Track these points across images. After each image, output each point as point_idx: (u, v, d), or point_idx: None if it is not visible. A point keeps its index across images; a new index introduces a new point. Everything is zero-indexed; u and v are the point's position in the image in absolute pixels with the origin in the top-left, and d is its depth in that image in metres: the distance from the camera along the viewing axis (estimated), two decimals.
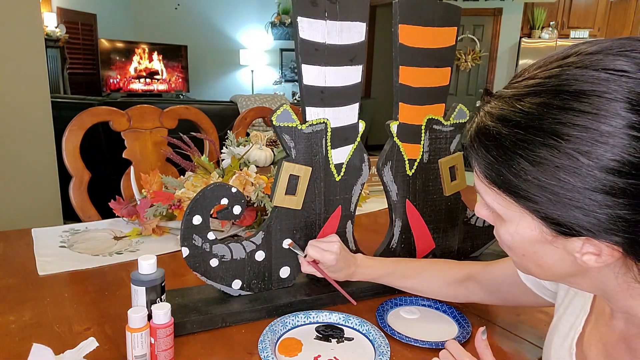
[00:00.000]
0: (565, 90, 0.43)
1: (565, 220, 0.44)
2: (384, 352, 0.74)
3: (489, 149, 0.47)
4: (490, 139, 0.47)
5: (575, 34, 6.02)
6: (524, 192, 0.45)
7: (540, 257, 0.50)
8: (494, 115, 0.47)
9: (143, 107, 1.51)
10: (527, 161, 0.44)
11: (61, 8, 5.23)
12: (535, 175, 0.44)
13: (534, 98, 0.44)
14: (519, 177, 0.45)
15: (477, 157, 0.49)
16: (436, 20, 0.93)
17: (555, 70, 0.45)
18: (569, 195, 0.42)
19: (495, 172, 0.47)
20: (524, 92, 0.46)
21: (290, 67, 7.26)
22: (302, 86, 0.83)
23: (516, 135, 0.44)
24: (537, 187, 0.44)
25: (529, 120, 0.44)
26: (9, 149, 2.15)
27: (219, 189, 0.81)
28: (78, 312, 0.85)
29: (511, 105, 0.46)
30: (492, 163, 0.47)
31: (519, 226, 0.49)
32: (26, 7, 2.17)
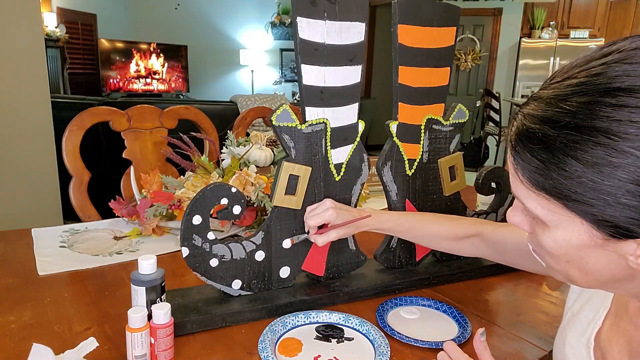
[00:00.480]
0: (617, 87, 0.41)
1: (620, 221, 0.42)
2: (384, 352, 0.74)
3: (535, 153, 0.45)
4: (535, 141, 0.44)
5: (575, 34, 6.02)
6: (577, 195, 0.43)
7: (586, 263, 0.47)
8: (536, 117, 0.45)
9: (143, 107, 1.51)
10: (581, 162, 0.41)
11: (61, 8, 5.24)
12: (590, 177, 0.41)
13: (581, 97, 0.42)
14: (572, 180, 0.42)
15: (522, 161, 0.46)
16: (435, 20, 0.94)
17: (601, 67, 0.43)
18: (627, 196, 0.41)
19: (544, 176, 0.45)
20: (568, 91, 0.43)
21: (290, 67, 7.26)
22: (302, 86, 0.83)
23: (566, 137, 0.42)
24: (591, 189, 0.42)
25: (579, 120, 0.42)
26: (9, 149, 2.15)
27: (219, 189, 0.81)
28: (78, 312, 0.85)
29: (556, 106, 0.44)
30: (540, 167, 0.44)
31: (566, 231, 0.46)
32: (26, 7, 2.17)
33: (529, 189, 0.47)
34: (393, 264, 1.01)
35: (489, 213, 1.09)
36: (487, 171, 1.04)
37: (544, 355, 0.77)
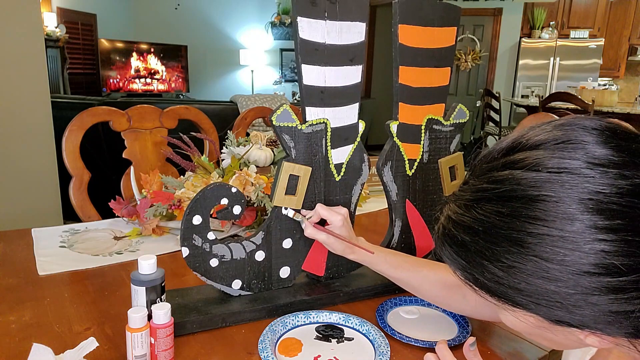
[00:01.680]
0: (512, 196, 0.42)
1: (554, 318, 0.43)
2: (384, 352, 0.74)
3: (459, 254, 0.46)
4: (457, 244, 0.46)
5: (575, 34, 6.02)
6: (505, 296, 0.44)
7: (546, 337, 0.48)
8: (454, 222, 0.47)
9: (143, 107, 1.51)
10: (497, 268, 0.43)
11: (61, 8, 5.23)
12: (508, 281, 0.43)
13: (486, 204, 0.44)
14: (494, 282, 0.44)
15: (449, 260, 0.48)
16: (436, 21, 0.94)
17: (500, 172, 0.44)
18: (545, 297, 0.42)
19: (471, 276, 0.46)
20: (476, 197, 0.45)
21: (290, 67, 7.26)
22: (302, 86, 0.83)
23: (479, 244, 0.44)
24: (514, 291, 0.43)
25: (486, 228, 0.43)
26: (9, 149, 2.15)
27: (219, 189, 0.81)
28: (78, 312, 0.85)
29: (467, 211, 0.45)
30: (466, 267, 0.46)
31: (516, 315, 0.47)
32: (26, 7, 2.17)
33: (462, 282, 0.48)
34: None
35: None
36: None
37: (544, 355, 0.77)
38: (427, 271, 0.83)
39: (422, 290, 0.83)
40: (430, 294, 0.83)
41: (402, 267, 0.84)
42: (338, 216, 0.82)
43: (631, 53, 6.25)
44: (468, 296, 0.77)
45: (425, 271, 0.83)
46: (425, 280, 0.82)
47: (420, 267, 0.84)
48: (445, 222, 0.48)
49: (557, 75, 6.04)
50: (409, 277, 0.83)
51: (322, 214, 0.83)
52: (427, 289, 0.82)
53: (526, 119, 1.81)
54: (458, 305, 0.80)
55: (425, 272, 0.82)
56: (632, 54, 6.25)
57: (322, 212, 0.83)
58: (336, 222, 0.82)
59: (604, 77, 6.16)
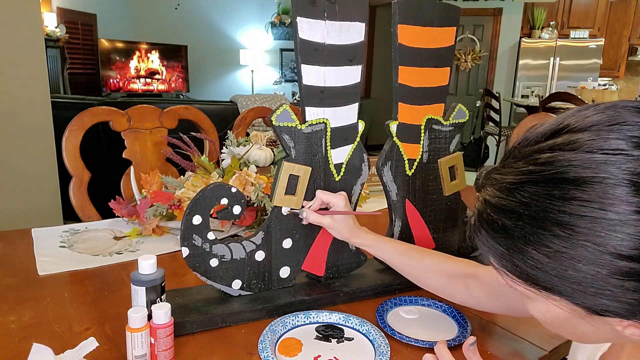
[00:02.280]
0: (564, 178, 0.41)
1: (594, 306, 0.42)
2: (384, 352, 0.74)
3: (497, 240, 0.45)
4: (496, 230, 0.44)
5: (575, 34, 6.02)
6: (546, 283, 0.43)
7: (576, 329, 0.47)
8: (494, 206, 0.45)
9: (143, 107, 1.51)
10: (542, 254, 0.42)
11: (61, 8, 5.23)
12: (553, 267, 0.41)
13: (532, 187, 0.42)
14: (537, 269, 0.43)
15: (487, 247, 0.46)
16: (435, 20, 0.94)
17: (548, 154, 0.42)
18: (593, 284, 0.40)
19: (510, 263, 0.45)
20: (520, 179, 0.43)
21: (290, 67, 7.26)
22: (302, 86, 0.83)
23: (523, 228, 0.42)
24: (558, 279, 0.42)
25: (532, 212, 0.42)
26: (9, 149, 2.15)
27: (219, 189, 0.81)
28: (78, 312, 0.85)
29: (510, 194, 0.44)
30: (504, 254, 0.45)
31: (548, 305, 0.46)
32: (26, 7, 2.17)
33: (499, 271, 0.47)
34: None
35: None
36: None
37: (544, 355, 0.77)
38: (430, 260, 0.82)
39: (424, 279, 0.83)
40: (432, 283, 0.82)
41: (405, 254, 0.84)
42: (340, 197, 0.84)
43: (631, 53, 6.25)
44: (471, 287, 0.78)
45: (429, 260, 0.82)
46: (428, 269, 0.82)
47: (424, 256, 0.83)
48: (482, 207, 0.46)
49: (557, 75, 6.04)
50: (412, 265, 0.83)
51: (323, 198, 0.84)
52: (430, 278, 0.82)
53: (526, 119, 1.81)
54: (460, 296, 0.80)
55: (428, 261, 0.82)
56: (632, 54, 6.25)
57: (323, 196, 0.84)
58: (339, 203, 0.84)
59: (604, 77, 6.16)
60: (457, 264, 0.81)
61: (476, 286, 0.77)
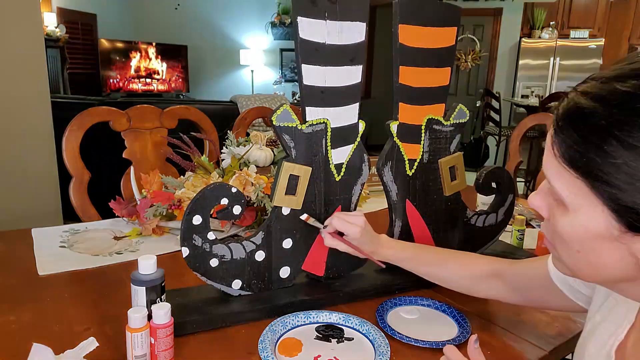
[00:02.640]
0: None
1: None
2: (384, 352, 0.74)
3: (579, 128, 0.44)
4: (582, 117, 0.44)
5: (575, 34, 6.02)
6: (609, 177, 0.42)
7: (597, 256, 0.47)
8: (589, 94, 0.44)
9: (143, 107, 1.51)
10: (621, 144, 0.41)
11: (61, 8, 5.23)
12: (626, 160, 0.41)
13: (636, 81, 0.42)
14: (607, 160, 0.42)
15: (562, 135, 0.45)
16: (436, 20, 0.93)
17: None
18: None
19: (580, 152, 0.44)
20: (628, 74, 0.43)
21: (290, 67, 7.26)
22: (302, 86, 0.83)
23: (614, 116, 0.42)
24: (624, 173, 0.41)
25: (631, 101, 0.41)
26: (9, 149, 2.15)
27: (219, 189, 0.81)
28: (78, 312, 0.85)
29: (611, 85, 0.43)
30: (579, 142, 0.44)
31: (586, 217, 0.45)
32: (26, 7, 2.17)
33: (561, 164, 0.46)
34: (393, 264, 1.01)
35: (489, 213, 1.09)
36: (487, 171, 1.04)
37: (544, 355, 0.77)
38: (453, 264, 0.86)
39: (449, 283, 0.87)
40: (457, 285, 0.86)
41: (428, 264, 0.87)
42: (354, 228, 0.83)
43: None
44: (495, 285, 0.81)
45: (451, 264, 0.86)
46: (453, 274, 0.86)
47: (447, 261, 0.87)
48: (574, 96, 0.46)
49: (557, 75, 6.04)
50: (437, 272, 0.87)
51: (337, 227, 0.84)
52: (455, 281, 0.86)
53: (526, 119, 1.81)
54: (484, 293, 0.84)
55: (452, 266, 0.86)
56: None
57: (337, 224, 0.84)
58: (354, 235, 0.83)
59: None
60: (479, 264, 0.84)
61: (499, 283, 0.81)
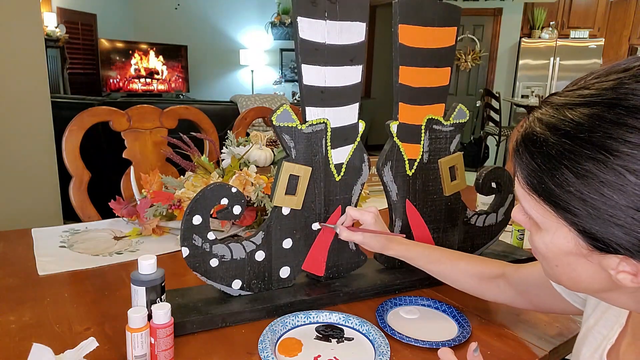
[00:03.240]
0: (620, 104, 0.41)
1: (603, 236, 0.43)
2: (384, 352, 0.74)
3: (534, 156, 0.46)
4: (536, 145, 0.45)
5: (575, 34, 6.02)
6: (564, 203, 0.44)
7: (573, 270, 0.49)
8: (543, 122, 0.46)
9: (143, 107, 1.51)
10: (572, 172, 0.43)
11: (61, 8, 5.23)
12: (578, 188, 0.43)
13: (586, 109, 0.43)
14: (561, 188, 0.44)
15: (521, 162, 0.48)
16: (436, 20, 0.93)
17: (613, 82, 0.43)
18: (610, 212, 0.41)
19: (538, 179, 0.46)
20: (577, 101, 0.44)
21: (290, 67, 7.26)
22: (302, 86, 0.83)
23: (563, 145, 0.43)
24: (578, 200, 0.43)
25: (578, 131, 0.42)
26: (9, 149, 2.15)
27: (219, 189, 0.81)
28: (78, 312, 0.85)
29: (562, 113, 0.44)
30: (536, 170, 0.46)
31: (555, 236, 0.48)
32: (26, 7, 2.17)
33: (525, 190, 0.48)
34: (393, 264, 1.01)
35: (489, 213, 1.09)
36: (487, 171, 1.04)
37: (544, 355, 0.77)
38: (463, 264, 0.87)
39: (458, 282, 0.88)
40: (466, 286, 0.87)
41: (439, 262, 0.88)
42: (369, 214, 0.86)
43: (631, 53, 6.25)
44: (501, 286, 0.83)
45: (462, 265, 0.87)
46: (462, 274, 0.87)
47: (457, 261, 0.88)
48: (530, 123, 0.47)
49: (557, 75, 6.04)
50: (447, 271, 0.88)
51: (353, 215, 0.86)
52: (464, 281, 0.87)
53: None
54: (491, 295, 0.85)
55: (462, 266, 0.87)
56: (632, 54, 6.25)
57: (353, 213, 0.86)
58: (368, 221, 0.86)
59: None
60: (488, 266, 0.85)
61: (505, 286, 0.82)
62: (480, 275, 0.85)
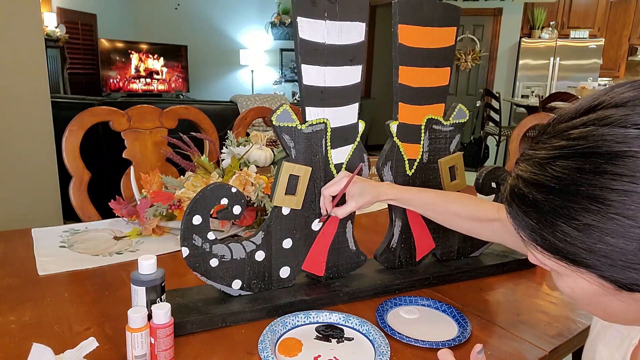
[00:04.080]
0: (595, 152, 0.41)
1: (623, 280, 0.42)
2: (384, 352, 0.74)
3: (528, 214, 0.45)
4: (527, 204, 0.45)
5: (575, 34, 6.02)
6: (574, 257, 0.43)
7: (606, 306, 0.47)
8: (526, 180, 0.45)
9: (143, 107, 1.51)
10: (571, 227, 0.42)
11: (61, 8, 5.23)
12: (582, 240, 0.42)
13: (564, 161, 0.42)
14: (566, 242, 0.43)
15: (517, 221, 0.47)
16: (436, 20, 0.94)
17: (581, 129, 0.43)
18: (622, 258, 0.41)
19: (540, 236, 0.45)
20: (553, 154, 0.44)
21: (290, 67, 7.26)
22: (302, 86, 0.83)
23: (554, 202, 0.43)
24: (587, 252, 0.42)
25: (563, 185, 0.42)
26: (9, 149, 2.15)
27: (219, 189, 0.81)
28: (78, 312, 0.85)
29: (542, 169, 0.44)
30: (535, 228, 0.45)
31: (578, 280, 0.46)
32: (26, 7, 2.17)
33: (531, 245, 0.47)
34: (393, 264, 1.01)
35: None
36: (487, 171, 1.04)
37: (544, 355, 0.77)
38: (457, 207, 0.87)
39: (452, 224, 0.89)
40: (460, 227, 0.88)
41: (432, 205, 0.88)
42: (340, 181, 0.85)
43: (631, 53, 6.25)
44: (497, 229, 0.83)
45: (455, 207, 0.87)
46: (456, 217, 0.87)
47: (450, 203, 0.88)
48: (514, 181, 0.47)
49: (557, 75, 6.04)
50: (442, 214, 0.88)
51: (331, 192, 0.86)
52: (458, 223, 0.88)
53: (526, 119, 1.81)
54: (487, 236, 0.87)
55: (455, 209, 0.87)
56: (632, 54, 6.25)
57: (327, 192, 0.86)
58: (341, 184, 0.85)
59: (604, 77, 6.16)
60: (483, 208, 0.85)
61: (501, 229, 0.82)
62: (474, 217, 0.85)
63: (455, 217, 0.87)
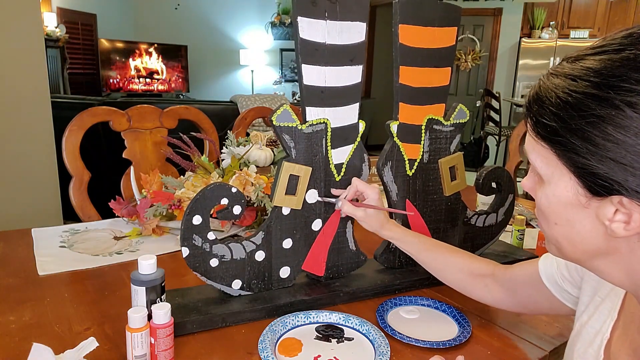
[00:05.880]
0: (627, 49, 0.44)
1: (607, 174, 0.44)
2: (384, 352, 0.74)
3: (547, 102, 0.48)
4: (548, 94, 0.48)
5: (575, 34, 6.02)
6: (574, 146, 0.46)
7: (571, 227, 0.50)
8: (558, 73, 0.48)
9: (143, 107, 1.51)
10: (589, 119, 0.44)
11: (61, 8, 5.23)
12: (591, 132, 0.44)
13: (597, 56, 0.46)
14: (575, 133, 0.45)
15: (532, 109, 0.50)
16: (436, 20, 0.93)
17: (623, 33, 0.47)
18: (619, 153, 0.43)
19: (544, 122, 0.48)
20: (589, 52, 0.48)
21: (290, 67, 7.26)
22: (302, 86, 0.83)
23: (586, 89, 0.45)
24: (578, 137, 0.45)
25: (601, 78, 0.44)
26: (9, 149, 2.15)
27: (219, 189, 0.81)
28: (78, 312, 0.85)
29: (572, 63, 0.48)
30: (542, 114, 0.48)
31: (556, 186, 0.49)
32: (26, 7, 2.17)
33: (532, 136, 0.50)
34: (393, 264, 1.01)
35: (489, 213, 1.09)
36: (487, 171, 1.04)
37: (544, 355, 0.77)
38: (453, 258, 0.87)
39: (445, 274, 0.88)
40: (452, 279, 0.87)
41: (430, 250, 0.88)
42: (374, 189, 0.86)
43: None
44: (490, 286, 0.82)
45: (452, 258, 0.87)
46: (451, 267, 0.87)
47: (448, 254, 0.88)
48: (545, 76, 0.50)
49: None
50: (436, 261, 0.88)
51: (359, 186, 0.87)
52: (450, 274, 0.87)
53: None
54: (479, 294, 0.84)
55: (451, 259, 0.87)
56: None
57: (359, 184, 0.87)
58: (373, 196, 0.86)
59: None
60: (479, 264, 0.85)
61: (494, 285, 0.82)
62: (468, 271, 0.85)
63: (452, 268, 0.87)
